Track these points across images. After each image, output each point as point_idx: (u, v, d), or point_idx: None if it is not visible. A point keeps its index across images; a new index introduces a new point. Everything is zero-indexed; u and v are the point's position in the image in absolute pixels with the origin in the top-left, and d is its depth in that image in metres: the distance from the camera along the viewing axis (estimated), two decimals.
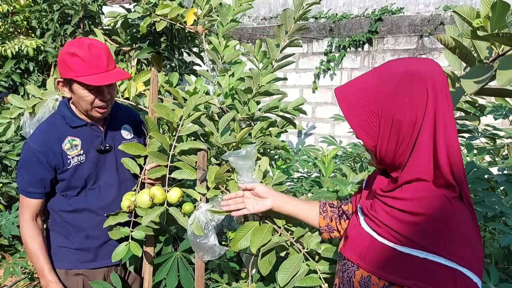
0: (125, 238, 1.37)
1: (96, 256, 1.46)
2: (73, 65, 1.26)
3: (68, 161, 1.37)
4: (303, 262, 1.20)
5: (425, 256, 0.71)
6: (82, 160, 1.39)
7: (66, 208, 1.42)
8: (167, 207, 1.31)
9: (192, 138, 1.44)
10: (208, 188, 1.33)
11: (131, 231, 1.35)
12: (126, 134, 1.52)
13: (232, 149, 1.43)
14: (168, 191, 1.32)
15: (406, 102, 0.73)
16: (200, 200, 1.33)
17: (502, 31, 0.73)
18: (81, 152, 1.39)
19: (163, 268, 1.48)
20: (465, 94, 1.03)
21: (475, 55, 0.96)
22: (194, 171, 1.35)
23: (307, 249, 1.22)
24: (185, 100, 1.43)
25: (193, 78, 3.21)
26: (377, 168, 0.90)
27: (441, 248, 0.71)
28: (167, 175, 1.34)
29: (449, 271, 0.69)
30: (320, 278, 1.17)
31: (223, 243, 1.70)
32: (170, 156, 1.33)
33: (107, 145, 1.44)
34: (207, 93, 1.81)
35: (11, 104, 1.71)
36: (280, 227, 1.26)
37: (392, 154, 0.77)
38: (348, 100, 0.78)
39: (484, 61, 0.94)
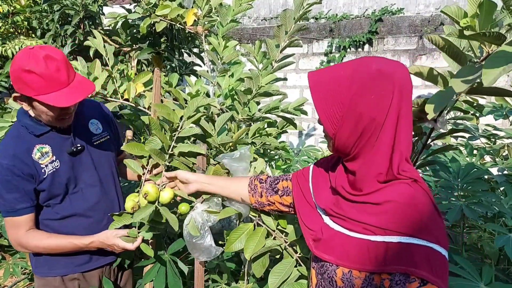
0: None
1: (91, 257, 1.43)
2: (31, 83, 1.16)
3: (43, 171, 1.30)
4: (294, 267, 1.20)
5: (399, 240, 0.75)
6: (57, 166, 1.33)
7: (53, 216, 1.36)
8: (157, 206, 1.28)
9: (192, 139, 1.44)
10: None
11: (139, 232, 1.34)
12: (95, 129, 1.46)
13: (229, 149, 1.43)
14: (161, 190, 1.30)
15: (372, 98, 0.77)
16: (196, 200, 1.33)
17: (489, 31, 0.74)
18: (54, 158, 1.32)
19: (151, 271, 1.47)
20: (456, 94, 1.03)
21: (472, 54, 0.96)
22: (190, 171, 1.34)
23: (300, 254, 1.22)
24: (186, 101, 1.43)
25: (193, 78, 3.21)
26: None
27: (411, 229, 0.75)
28: (163, 172, 1.32)
29: (422, 249, 0.73)
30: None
31: (220, 242, 1.70)
32: (168, 156, 1.33)
33: (78, 145, 1.38)
34: (207, 94, 1.81)
35: (12, 107, 1.71)
36: (274, 230, 1.26)
37: (350, 146, 0.81)
38: (320, 85, 0.82)
39: (476, 61, 0.94)
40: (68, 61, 1.25)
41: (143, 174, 1.36)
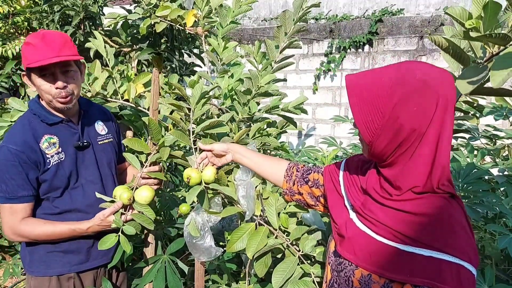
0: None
1: (88, 256, 1.43)
2: (26, 53, 1.24)
3: (48, 160, 1.32)
4: (298, 265, 1.20)
5: (430, 254, 0.73)
6: (62, 158, 1.35)
7: (51, 211, 1.36)
8: (205, 185, 1.26)
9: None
10: None
11: (123, 225, 1.32)
12: (100, 129, 1.51)
13: None
14: (202, 171, 1.28)
15: (415, 110, 0.73)
16: (197, 201, 1.33)
17: (494, 32, 0.74)
18: (60, 150, 1.35)
19: (150, 271, 1.47)
20: (461, 95, 1.03)
21: (472, 55, 0.96)
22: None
23: (302, 252, 1.22)
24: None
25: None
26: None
27: (445, 245, 0.73)
28: (199, 143, 1.31)
29: (453, 266, 0.71)
30: (313, 282, 1.17)
31: (221, 243, 1.69)
32: (191, 139, 1.31)
33: (85, 141, 1.42)
34: None
35: (12, 107, 1.71)
36: (276, 229, 1.26)
37: (387, 154, 0.79)
38: (358, 90, 0.78)
39: (479, 61, 0.94)
40: (69, 42, 1.30)
41: (141, 171, 1.37)
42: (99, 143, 1.49)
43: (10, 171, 1.26)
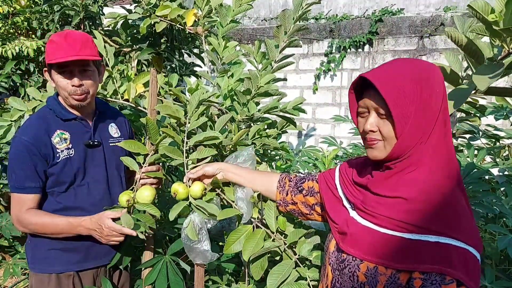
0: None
1: (87, 256, 1.43)
2: (48, 50, 1.31)
3: (57, 155, 1.35)
4: (293, 268, 1.19)
5: (437, 240, 0.73)
6: (71, 154, 1.39)
7: (54, 206, 1.38)
8: (191, 201, 1.25)
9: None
10: None
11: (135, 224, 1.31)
12: (113, 132, 1.54)
13: (229, 151, 1.42)
14: (189, 186, 1.26)
15: (437, 92, 0.78)
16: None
17: None
18: (70, 146, 1.39)
19: (152, 272, 1.47)
20: (476, 90, 1.03)
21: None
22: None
23: (298, 255, 1.21)
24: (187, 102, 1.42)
25: (192, 79, 3.20)
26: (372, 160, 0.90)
27: (451, 230, 0.73)
28: (187, 172, 1.29)
29: (460, 251, 0.72)
30: (308, 285, 1.16)
31: (221, 244, 1.69)
32: (185, 152, 1.29)
33: (96, 140, 1.45)
34: None
35: (12, 106, 1.71)
36: (273, 232, 1.25)
37: (411, 146, 0.80)
38: (388, 83, 0.78)
39: (494, 58, 0.94)
40: (90, 43, 1.36)
41: (139, 172, 1.36)
42: (110, 144, 1.51)
43: (20, 161, 1.32)
